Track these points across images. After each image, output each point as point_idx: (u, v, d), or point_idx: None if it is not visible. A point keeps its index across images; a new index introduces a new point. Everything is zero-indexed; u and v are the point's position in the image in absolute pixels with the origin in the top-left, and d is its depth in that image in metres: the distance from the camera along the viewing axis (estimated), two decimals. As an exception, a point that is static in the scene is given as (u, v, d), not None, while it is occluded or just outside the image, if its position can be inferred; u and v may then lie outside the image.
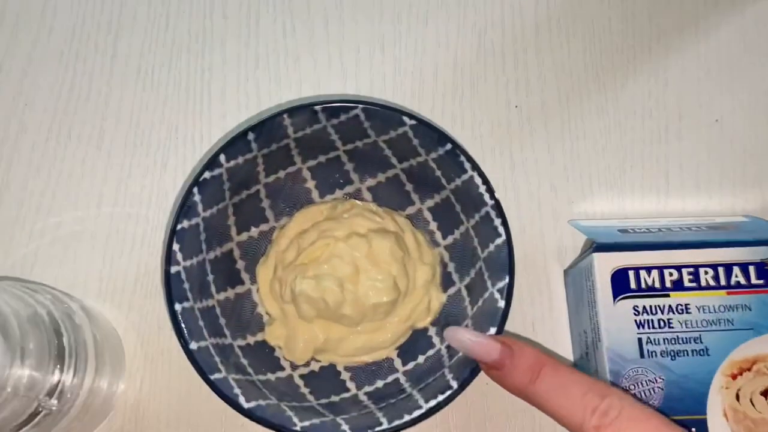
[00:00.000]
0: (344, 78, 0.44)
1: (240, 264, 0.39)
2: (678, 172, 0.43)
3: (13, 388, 0.31)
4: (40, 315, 0.33)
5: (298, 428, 0.32)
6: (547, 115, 0.44)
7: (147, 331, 0.40)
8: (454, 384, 0.33)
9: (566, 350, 0.40)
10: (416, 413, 0.32)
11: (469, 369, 0.33)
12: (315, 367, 0.38)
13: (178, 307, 0.34)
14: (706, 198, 0.43)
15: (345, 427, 0.33)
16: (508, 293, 0.34)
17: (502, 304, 0.34)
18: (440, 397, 0.33)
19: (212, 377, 0.33)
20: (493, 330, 0.34)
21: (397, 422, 0.32)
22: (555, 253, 0.42)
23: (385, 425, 0.32)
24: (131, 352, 0.39)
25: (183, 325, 0.34)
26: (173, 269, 0.34)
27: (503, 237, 0.35)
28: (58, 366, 0.33)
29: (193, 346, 0.34)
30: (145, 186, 0.42)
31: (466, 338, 0.32)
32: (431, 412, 0.33)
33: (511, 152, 0.43)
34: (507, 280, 0.34)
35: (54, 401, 0.33)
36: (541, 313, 0.41)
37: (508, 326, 0.40)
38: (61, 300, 0.35)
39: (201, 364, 0.33)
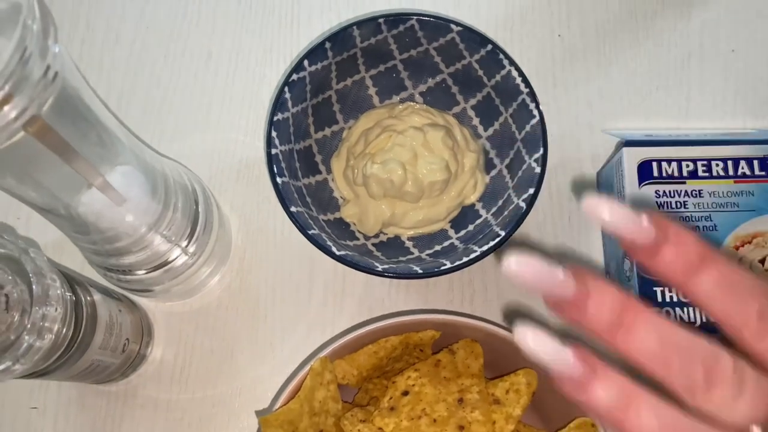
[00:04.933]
0: (412, 10, 0.52)
1: (318, 157, 0.47)
2: (697, 95, 0.50)
3: (162, 235, 0.40)
4: (185, 182, 0.41)
5: (380, 269, 0.40)
6: (586, 43, 0.51)
7: (248, 213, 0.48)
8: (502, 233, 0.40)
9: (596, 235, 0.48)
10: (473, 255, 0.40)
11: (515, 222, 0.40)
12: (383, 238, 0.46)
13: (279, 180, 0.42)
14: (721, 117, 0.50)
15: (417, 268, 0.40)
16: (543, 161, 0.41)
17: (538, 170, 0.41)
18: (491, 243, 0.40)
19: (310, 232, 0.41)
20: (531, 190, 0.41)
21: (457, 263, 0.40)
22: (589, 159, 0.49)
23: (449, 265, 0.40)
24: (235, 229, 0.48)
25: (283, 194, 0.42)
26: (273, 151, 0.42)
27: (537, 117, 0.42)
28: (192, 225, 0.42)
29: (293, 209, 0.42)
30: (245, 97, 0.50)
31: (609, 211, 0.22)
32: (485, 254, 0.40)
33: (553, 73, 0.50)
34: (542, 151, 0.42)
35: (191, 248, 0.41)
36: (576, 207, 0.48)
37: (546, 219, 0.47)
38: (197, 177, 0.44)
39: (300, 222, 0.41)
